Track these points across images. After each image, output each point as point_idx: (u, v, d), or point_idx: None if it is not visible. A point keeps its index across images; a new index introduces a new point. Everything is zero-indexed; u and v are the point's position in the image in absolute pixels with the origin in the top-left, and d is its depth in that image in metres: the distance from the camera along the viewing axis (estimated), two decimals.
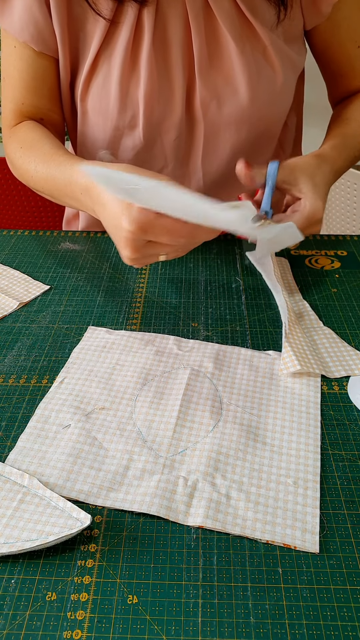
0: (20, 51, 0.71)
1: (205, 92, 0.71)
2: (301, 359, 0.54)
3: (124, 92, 0.70)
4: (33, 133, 0.71)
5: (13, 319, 0.63)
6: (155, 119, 0.72)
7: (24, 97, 0.74)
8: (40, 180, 0.67)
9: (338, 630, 0.35)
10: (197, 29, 0.67)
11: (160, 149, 0.76)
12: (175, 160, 0.78)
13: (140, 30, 0.68)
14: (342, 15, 0.72)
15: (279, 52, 0.70)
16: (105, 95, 0.71)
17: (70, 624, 0.36)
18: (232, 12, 0.67)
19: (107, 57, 0.69)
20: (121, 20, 0.67)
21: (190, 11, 0.67)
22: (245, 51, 0.68)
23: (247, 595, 0.37)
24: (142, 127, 0.72)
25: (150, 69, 0.68)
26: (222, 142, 0.76)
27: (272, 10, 0.69)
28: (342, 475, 0.45)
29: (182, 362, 0.56)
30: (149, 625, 0.35)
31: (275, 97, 0.73)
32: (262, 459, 0.46)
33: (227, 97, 0.71)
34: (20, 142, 0.71)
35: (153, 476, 0.44)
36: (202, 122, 0.73)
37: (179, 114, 0.72)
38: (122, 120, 0.72)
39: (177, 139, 0.75)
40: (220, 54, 0.70)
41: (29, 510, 0.41)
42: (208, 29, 0.68)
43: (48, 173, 0.65)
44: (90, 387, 0.53)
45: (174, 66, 0.70)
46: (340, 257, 0.74)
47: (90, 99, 0.72)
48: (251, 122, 0.74)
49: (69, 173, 0.61)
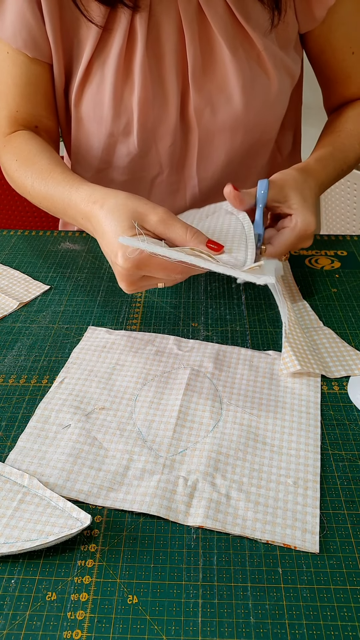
0: (13, 57, 0.70)
1: (199, 98, 0.70)
2: (301, 359, 0.54)
3: (117, 99, 0.69)
4: (29, 145, 0.70)
5: (13, 319, 0.63)
6: (150, 125, 0.72)
7: (18, 104, 0.72)
8: (37, 196, 0.67)
9: (338, 630, 0.35)
10: (190, 35, 0.67)
11: (155, 155, 0.76)
12: (170, 167, 0.78)
13: (133, 36, 0.67)
14: (337, 20, 0.71)
15: (273, 57, 0.70)
16: (99, 102, 0.70)
17: (70, 624, 0.36)
18: (226, 18, 0.67)
19: (100, 64, 0.69)
20: (114, 27, 0.67)
21: (184, 17, 0.66)
22: (239, 57, 0.68)
23: (247, 595, 0.37)
24: (137, 133, 0.72)
25: (144, 76, 0.68)
26: (217, 149, 0.76)
27: (266, 15, 0.68)
28: (342, 475, 0.45)
29: (182, 362, 0.56)
30: (149, 625, 0.35)
31: (270, 103, 0.72)
32: (262, 459, 0.46)
33: (221, 103, 0.71)
34: (16, 154, 0.70)
35: (153, 476, 0.44)
36: (197, 128, 0.73)
37: (173, 120, 0.72)
38: (116, 127, 0.72)
39: (172, 145, 0.75)
40: (214, 60, 0.69)
41: (29, 510, 0.41)
42: (202, 35, 0.68)
43: (46, 192, 0.64)
44: (90, 387, 0.53)
45: (167, 73, 0.69)
46: (340, 257, 0.74)
47: (84, 105, 0.71)
48: (246, 128, 0.73)
49: (67, 195, 0.60)
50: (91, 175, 0.80)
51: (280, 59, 0.71)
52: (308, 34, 0.74)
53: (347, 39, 0.73)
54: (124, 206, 0.52)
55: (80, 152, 0.78)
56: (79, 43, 0.69)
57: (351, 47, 0.74)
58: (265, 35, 0.69)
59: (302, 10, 0.70)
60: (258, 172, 0.83)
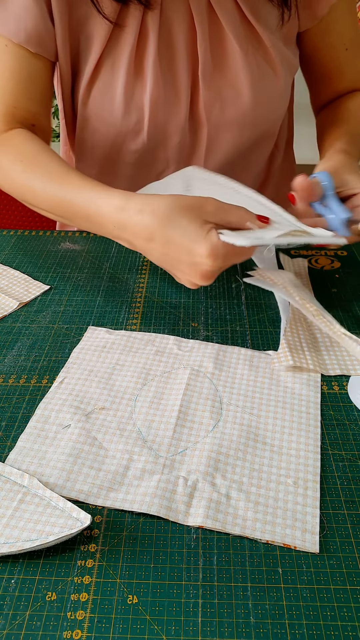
0: (13, 50, 0.66)
1: (209, 94, 0.71)
2: (295, 354, 0.54)
3: (128, 97, 0.69)
4: (31, 145, 0.66)
5: (13, 319, 0.63)
6: (161, 123, 0.72)
7: (16, 99, 0.69)
8: (47, 199, 0.62)
9: (338, 630, 0.35)
10: (202, 32, 0.67)
11: (163, 152, 0.76)
12: (177, 163, 0.78)
13: (144, 34, 0.67)
14: (333, 18, 0.72)
15: (279, 54, 0.71)
16: (108, 100, 0.70)
17: (70, 624, 0.36)
18: (235, 15, 0.68)
19: (110, 61, 0.68)
20: (125, 23, 0.66)
21: (196, 15, 0.67)
22: (249, 54, 0.69)
23: (247, 595, 0.37)
24: (147, 131, 0.72)
25: (156, 74, 0.68)
26: (224, 144, 0.76)
27: (274, 13, 0.69)
28: (342, 475, 0.45)
29: (182, 362, 0.56)
30: (149, 625, 0.35)
31: (277, 98, 0.74)
32: (262, 459, 0.46)
33: (230, 99, 0.71)
34: (19, 154, 0.65)
35: (153, 476, 0.44)
36: (206, 124, 0.73)
37: (183, 116, 0.72)
38: (126, 125, 0.71)
39: (181, 141, 0.75)
40: (224, 56, 0.70)
41: (29, 510, 0.41)
42: (212, 32, 0.69)
43: (63, 196, 0.59)
44: (90, 387, 0.53)
45: (179, 70, 0.69)
46: (340, 257, 0.74)
47: (92, 103, 0.71)
48: (253, 123, 0.74)
49: (95, 202, 0.56)
50: (96, 171, 0.80)
51: (285, 55, 0.72)
52: (304, 33, 0.75)
53: (341, 36, 0.75)
54: (178, 206, 0.50)
55: (85, 150, 0.78)
56: (86, 40, 0.68)
57: (345, 44, 0.75)
58: (272, 33, 0.70)
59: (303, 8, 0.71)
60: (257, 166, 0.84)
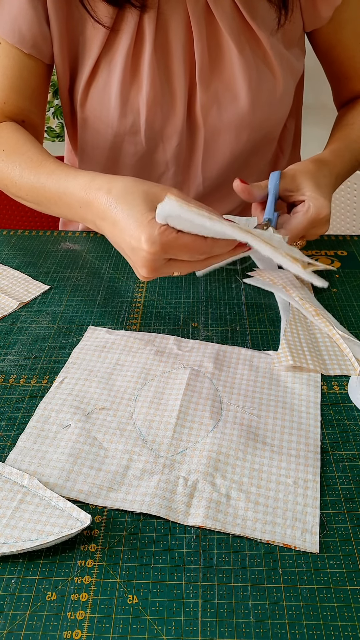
0: (6, 48, 0.68)
1: (206, 97, 0.70)
2: (295, 354, 0.54)
3: (124, 99, 0.69)
4: (16, 136, 0.68)
5: (13, 319, 0.63)
6: (157, 125, 0.72)
7: (7, 95, 0.71)
8: (24, 186, 0.62)
9: (338, 630, 0.35)
10: (199, 34, 0.67)
11: (162, 154, 0.76)
12: (176, 166, 0.78)
13: (141, 36, 0.67)
14: (346, 17, 0.71)
15: (278, 56, 0.70)
16: (105, 102, 0.70)
17: (70, 624, 0.36)
18: (233, 16, 0.67)
19: (107, 64, 0.68)
20: (121, 27, 0.66)
21: (192, 16, 0.66)
22: (246, 56, 0.68)
23: (247, 595, 0.37)
24: (144, 133, 0.72)
25: (152, 76, 0.68)
26: (222, 147, 0.76)
27: (273, 14, 0.68)
28: (342, 475, 0.45)
29: (182, 362, 0.56)
30: (149, 625, 0.35)
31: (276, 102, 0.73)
32: (262, 459, 0.46)
33: (227, 102, 0.71)
34: (2, 144, 0.67)
35: (153, 476, 0.44)
36: (203, 127, 0.73)
37: (180, 119, 0.72)
38: (122, 127, 0.71)
39: (179, 144, 0.75)
40: (221, 59, 0.69)
41: (29, 510, 0.41)
42: (209, 33, 0.68)
43: (37, 181, 0.60)
44: (90, 387, 0.53)
45: (175, 72, 0.69)
46: (340, 257, 0.74)
47: (89, 105, 0.71)
48: (251, 127, 0.73)
49: (62, 183, 0.57)
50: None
51: (285, 58, 0.71)
52: (316, 32, 0.74)
53: (356, 36, 0.74)
54: (135, 188, 0.49)
55: (86, 151, 0.78)
56: (84, 43, 0.68)
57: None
58: (271, 35, 0.69)
59: (307, 9, 0.70)
60: (260, 171, 0.83)
